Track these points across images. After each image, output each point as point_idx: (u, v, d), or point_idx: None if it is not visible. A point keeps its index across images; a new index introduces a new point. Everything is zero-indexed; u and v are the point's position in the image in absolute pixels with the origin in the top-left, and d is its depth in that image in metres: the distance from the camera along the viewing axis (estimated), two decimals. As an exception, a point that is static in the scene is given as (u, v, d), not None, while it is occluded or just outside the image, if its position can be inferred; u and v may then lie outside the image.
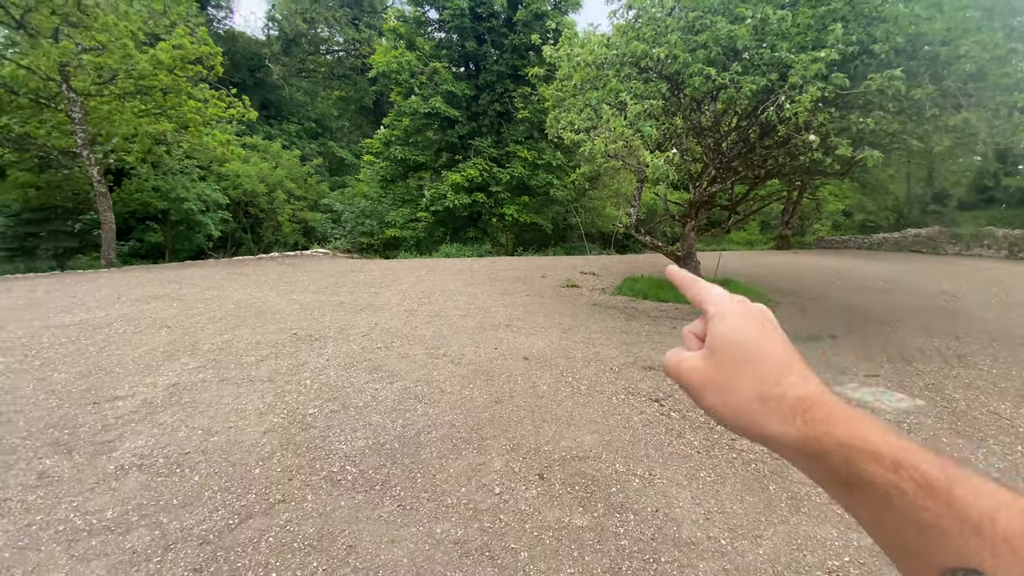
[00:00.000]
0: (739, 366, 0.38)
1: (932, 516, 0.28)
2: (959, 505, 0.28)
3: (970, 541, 0.26)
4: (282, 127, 26.82)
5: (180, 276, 9.17)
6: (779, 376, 0.37)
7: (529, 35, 18.24)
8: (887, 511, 0.31)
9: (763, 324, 0.40)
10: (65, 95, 10.26)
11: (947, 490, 0.29)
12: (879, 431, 0.33)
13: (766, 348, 0.38)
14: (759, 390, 0.37)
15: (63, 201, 12.89)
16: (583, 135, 6.78)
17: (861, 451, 0.32)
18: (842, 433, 0.33)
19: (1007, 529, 0.26)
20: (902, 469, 0.30)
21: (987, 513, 0.27)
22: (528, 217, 18.87)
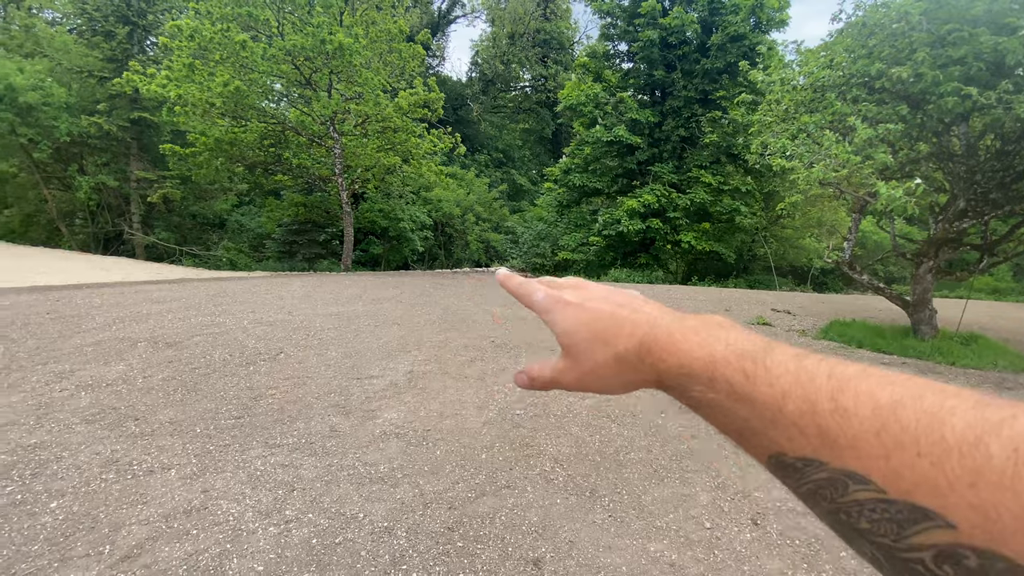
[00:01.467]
0: (589, 346, 0.40)
1: (741, 420, 0.30)
2: (759, 404, 0.29)
3: (771, 433, 0.29)
4: (474, 158, 30.08)
5: (398, 282, 10.93)
6: (618, 332, 0.39)
7: (724, 57, 17.55)
8: (718, 421, 0.33)
9: (580, 303, 0.42)
10: (331, 135, 13.16)
11: (749, 392, 0.30)
12: (702, 347, 0.34)
13: (599, 318, 0.41)
14: (613, 354, 0.39)
15: (318, 217, 16.48)
16: (796, 162, 6.27)
17: (688, 375, 0.34)
18: (674, 363, 0.35)
19: (792, 413, 0.27)
20: (715, 383, 0.32)
21: (777, 404, 0.28)
22: (707, 245, 17.84)
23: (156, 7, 17.00)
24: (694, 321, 0.37)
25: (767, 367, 0.30)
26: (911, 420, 0.24)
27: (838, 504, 0.26)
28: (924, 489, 0.22)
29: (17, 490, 2.54)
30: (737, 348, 0.32)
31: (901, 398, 0.25)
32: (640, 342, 0.37)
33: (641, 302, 0.42)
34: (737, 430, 0.31)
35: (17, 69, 13.93)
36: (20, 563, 2.06)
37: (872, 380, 0.27)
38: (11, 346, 4.68)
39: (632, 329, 0.38)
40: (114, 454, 2.93)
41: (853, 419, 0.25)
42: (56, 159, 15.98)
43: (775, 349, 0.32)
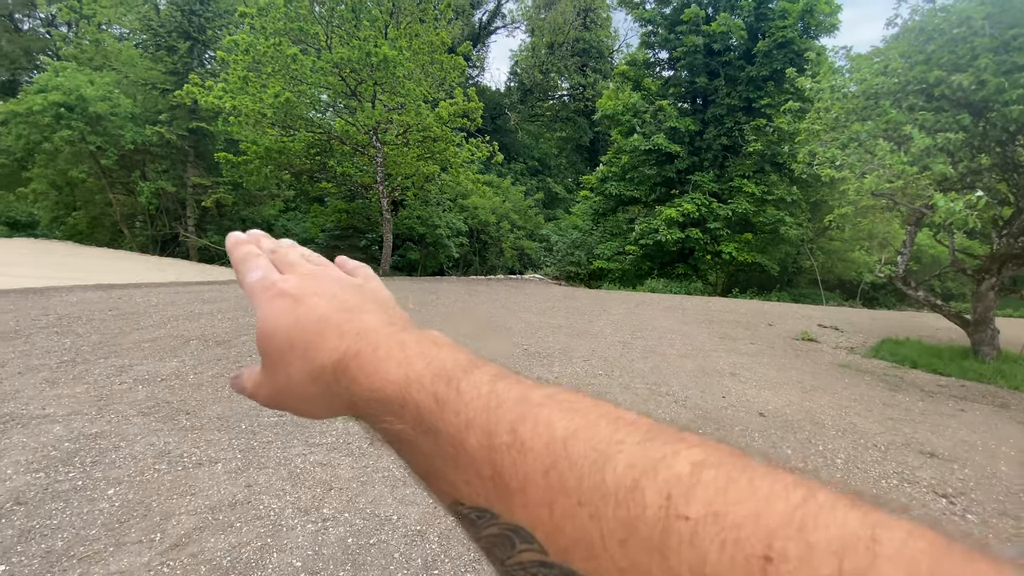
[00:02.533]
0: (284, 356, 0.33)
1: (425, 457, 0.26)
2: (443, 437, 0.25)
3: (451, 475, 0.24)
4: (511, 166, 30.31)
5: (435, 288, 11.10)
6: (320, 344, 0.32)
7: (770, 64, 17.08)
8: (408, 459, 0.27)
9: (297, 296, 0.34)
10: (373, 144, 13.55)
11: (435, 422, 0.25)
12: (402, 365, 0.28)
13: (307, 320, 0.33)
14: (308, 369, 0.32)
15: (359, 223, 16.99)
16: (847, 171, 6.02)
17: (379, 401, 0.28)
18: (366, 385, 0.29)
19: (473, 448, 0.23)
20: (404, 409, 0.26)
21: (461, 437, 0.24)
22: (749, 256, 17.30)
23: (215, 23, 18.03)
24: (410, 336, 0.31)
25: (460, 390, 0.25)
26: (580, 456, 0.21)
27: (508, 567, 0.22)
28: (580, 550, 0.19)
29: (78, 476, 2.71)
30: (436, 367, 0.27)
31: (577, 428, 0.22)
32: (340, 357, 0.30)
33: (373, 306, 0.35)
34: (423, 469, 0.26)
35: (88, 81, 15.04)
36: (79, 546, 2.20)
37: (559, 405, 0.24)
38: (77, 340, 5.02)
39: (337, 341, 0.31)
40: (166, 446, 3.09)
41: (529, 455, 0.22)
42: (121, 165, 17.12)
43: (478, 369, 0.27)
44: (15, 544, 2.17)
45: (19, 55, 20.40)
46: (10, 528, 2.26)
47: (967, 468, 3.69)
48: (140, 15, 17.82)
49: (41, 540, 2.21)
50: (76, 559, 2.11)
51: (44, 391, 3.74)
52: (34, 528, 2.28)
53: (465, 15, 30.69)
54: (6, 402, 3.50)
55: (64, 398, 3.64)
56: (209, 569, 2.11)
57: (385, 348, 0.30)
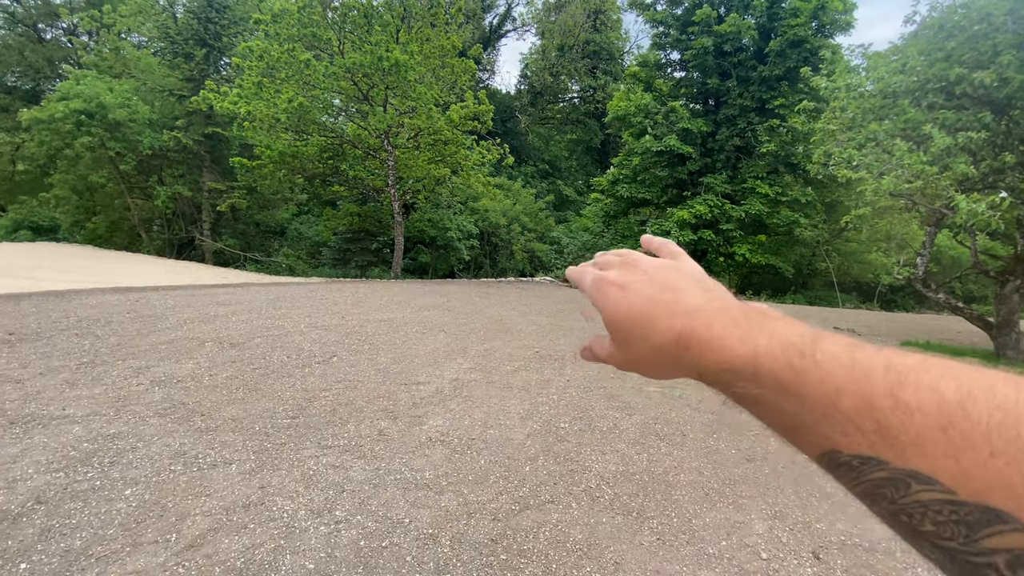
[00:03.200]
0: (628, 335, 0.38)
1: (790, 416, 0.28)
2: (809, 400, 0.27)
3: (823, 429, 0.27)
4: (521, 169, 30.32)
5: (445, 291, 11.13)
6: (655, 326, 0.36)
7: (783, 63, 16.90)
8: (765, 417, 0.30)
9: (624, 285, 0.40)
10: (385, 148, 13.65)
11: (798, 388, 0.28)
12: (744, 341, 0.31)
13: (636, 305, 0.38)
14: (651, 346, 0.37)
15: (371, 226, 17.10)
16: (863, 172, 5.91)
17: (730, 371, 0.31)
18: (714, 359, 0.33)
19: (848, 409, 0.25)
20: (760, 378, 0.30)
21: (831, 400, 0.26)
22: (763, 258, 17.10)
23: (230, 30, 18.31)
24: (736, 311, 0.35)
25: (817, 360, 0.28)
26: (982, 416, 0.22)
27: (899, 505, 0.24)
28: (999, 490, 0.21)
29: (96, 476, 2.75)
30: (782, 340, 0.31)
31: (970, 391, 0.23)
32: (678, 335, 0.35)
33: (689, 283, 0.39)
34: (785, 426, 0.30)
35: (108, 89, 15.35)
36: (97, 545, 2.22)
37: (935, 372, 0.25)
38: (95, 342, 5.11)
39: (669, 321, 0.36)
40: (182, 447, 3.12)
41: (916, 415, 0.23)
42: (139, 171, 17.45)
43: (824, 340, 0.30)
44: (35, 543, 2.20)
45: (42, 64, 20.91)
46: (31, 527, 2.29)
47: (992, 475, 3.59)
48: (158, 23, 18.17)
49: (60, 539, 2.24)
50: (94, 558, 2.14)
51: (64, 392, 3.81)
52: (54, 527, 2.31)
53: (475, 19, 30.83)
54: (28, 403, 3.57)
55: (83, 399, 3.70)
56: (223, 570, 2.12)
57: (720, 324, 0.33)
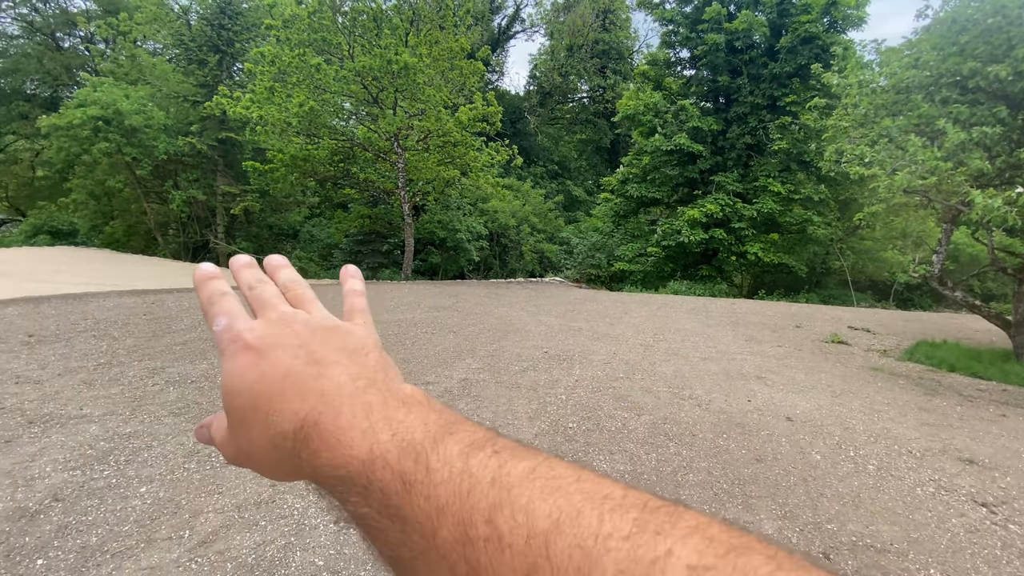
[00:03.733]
0: (246, 417, 0.30)
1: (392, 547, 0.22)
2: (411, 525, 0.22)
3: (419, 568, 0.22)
4: (530, 169, 30.34)
5: (454, 291, 11.18)
6: (281, 405, 0.29)
7: (795, 60, 16.72)
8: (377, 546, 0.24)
9: (260, 349, 0.31)
10: (394, 150, 13.75)
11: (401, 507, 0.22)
12: (366, 436, 0.25)
13: (268, 378, 0.29)
14: (269, 434, 0.29)
15: (381, 228, 17.24)
16: (876, 168, 5.83)
17: (343, 479, 0.25)
18: (328, 459, 0.26)
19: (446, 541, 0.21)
20: (370, 490, 0.24)
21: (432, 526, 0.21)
22: (775, 257, 16.91)
23: (243, 36, 18.59)
24: (375, 395, 0.28)
25: (429, 468, 0.23)
26: (563, 557, 0.18)
27: None
28: None
29: (112, 474, 2.81)
30: (403, 439, 0.24)
31: (559, 518, 0.20)
32: (300, 424, 0.27)
33: (343, 356, 0.31)
34: (389, 561, 0.23)
35: (124, 95, 15.66)
36: (112, 542, 2.27)
37: (537, 487, 0.21)
38: (113, 343, 5.22)
39: (299, 403, 0.28)
40: (196, 445, 3.18)
41: (507, 553, 0.20)
42: (155, 175, 17.77)
43: (450, 438, 0.24)
44: (52, 539, 2.26)
45: (60, 72, 21.40)
46: (48, 524, 2.36)
47: (1009, 476, 3.52)
48: (173, 31, 18.50)
49: (77, 536, 2.30)
50: (109, 554, 2.19)
51: (82, 392, 3.90)
52: (70, 524, 2.37)
53: (484, 20, 30.93)
54: (47, 403, 3.66)
55: (100, 399, 3.79)
56: (235, 566, 2.16)
57: (348, 413, 0.27)
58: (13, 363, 4.42)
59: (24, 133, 21.21)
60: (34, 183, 22.60)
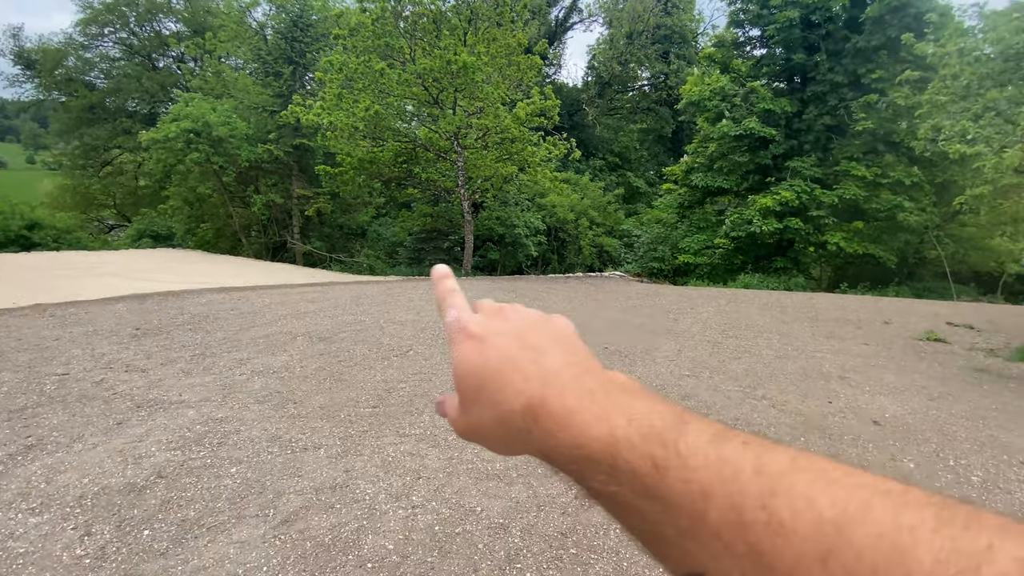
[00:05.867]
0: (475, 397, 0.33)
1: (651, 524, 0.24)
2: (673, 506, 0.23)
3: (688, 546, 0.23)
4: (589, 162, 29.85)
5: (513, 287, 11.26)
6: (505, 389, 0.31)
7: (883, 31, 15.27)
8: (626, 523, 0.25)
9: (483, 337, 0.34)
10: (454, 149, 14.02)
11: (659, 488, 0.24)
12: (601, 420, 0.27)
13: (490, 363, 0.32)
14: (496, 414, 0.31)
15: (443, 226, 17.68)
16: (981, 146, 5.21)
17: (584, 459, 0.26)
18: (566, 439, 0.27)
19: (716, 523, 0.22)
20: (618, 472, 0.25)
21: (697, 508, 0.22)
22: (860, 247, 15.61)
23: (313, 47, 19.67)
24: (593, 381, 0.30)
25: (680, 454, 0.24)
26: (866, 545, 0.19)
27: None
28: None
29: (207, 455, 3.09)
30: (643, 425, 0.26)
31: (846, 508, 0.20)
32: (526, 405, 0.30)
33: (553, 344, 0.34)
34: (647, 534, 0.25)
35: (211, 108, 17.07)
36: (208, 516, 2.50)
37: (808, 478, 0.21)
38: (205, 336, 5.72)
39: (521, 385, 0.31)
40: (277, 431, 3.43)
41: (792, 538, 0.20)
42: (238, 181, 19.26)
43: (689, 427, 0.25)
44: (157, 512, 2.52)
45: (156, 89, 23.65)
46: (153, 498, 2.63)
47: None
48: (252, 46, 19.90)
49: (178, 510, 2.55)
50: (205, 528, 2.41)
51: (181, 380, 4.31)
52: (172, 499, 2.63)
53: (541, 14, 30.72)
54: (152, 389, 4.08)
55: (196, 387, 4.17)
56: (314, 545, 2.31)
57: (574, 397, 0.29)
58: (123, 353, 4.97)
59: (128, 147, 23.65)
60: (137, 192, 25.18)
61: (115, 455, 3.03)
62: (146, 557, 2.21)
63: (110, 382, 4.19)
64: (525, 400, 0.30)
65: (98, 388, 4.04)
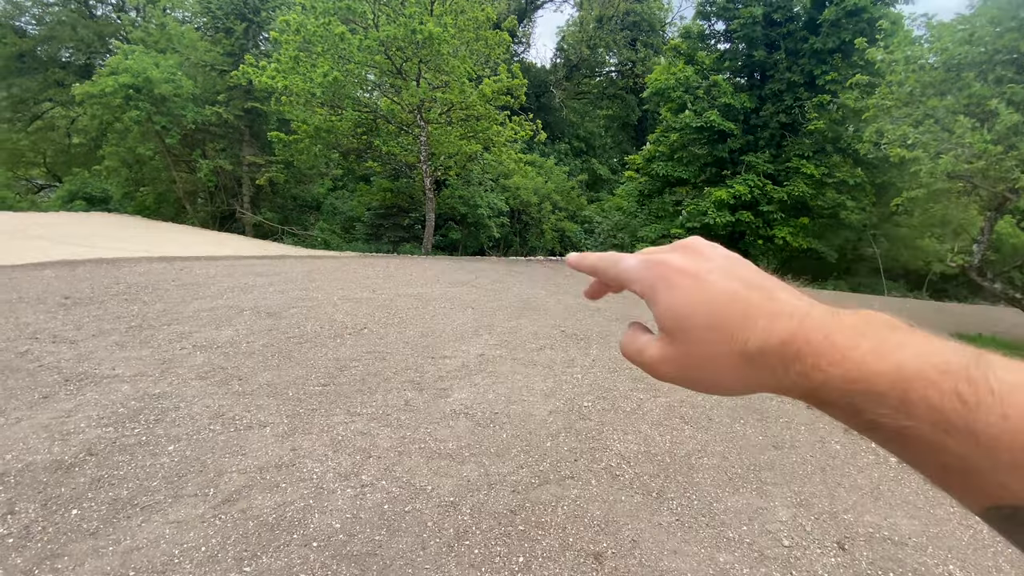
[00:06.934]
0: (704, 335, 0.32)
1: (957, 460, 0.23)
2: (986, 440, 0.22)
3: (1003, 479, 0.22)
4: (555, 146, 29.79)
5: (474, 268, 11.19)
6: (749, 325, 0.30)
7: (838, 34, 15.88)
8: (912, 455, 0.25)
9: (696, 274, 0.33)
10: (417, 123, 13.63)
11: (969, 424, 0.23)
12: (882, 356, 0.26)
13: (720, 299, 0.32)
14: (739, 350, 0.30)
15: (403, 202, 17.25)
16: (919, 151, 5.54)
17: (864, 393, 0.26)
18: (838, 375, 0.27)
19: None
20: (911, 406, 0.24)
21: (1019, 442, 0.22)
22: (804, 242, 16.44)
23: (268, 4, 18.47)
24: (853, 318, 0.29)
25: (993, 390, 0.23)
26: None
27: None
28: None
29: (142, 432, 2.93)
30: (936, 361, 0.25)
31: None
32: (783, 341, 0.29)
33: (774, 283, 0.33)
34: (944, 467, 0.25)
35: (154, 64, 15.81)
36: (142, 496, 2.38)
37: None
38: (143, 308, 5.39)
39: (768, 322, 0.30)
40: (220, 408, 3.29)
41: None
42: (183, 144, 18.03)
43: (991, 363, 0.24)
44: (87, 491, 2.38)
45: (93, 39, 21.62)
46: (82, 476, 2.48)
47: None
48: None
49: (109, 488, 2.41)
50: (139, 507, 2.30)
51: (115, 353, 4.05)
52: (103, 477, 2.49)
53: (512, -10, 30.03)
54: (82, 362, 3.81)
55: (131, 360, 3.93)
56: (256, 524, 2.24)
57: (840, 334, 0.28)
58: (51, 323, 4.61)
59: (60, 100, 21.63)
60: (70, 150, 23.17)
61: (40, 431, 2.82)
62: (74, 537, 2.09)
63: (35, 353, 3.89)
64: (780, 337, 0.29)
65: (22, 359, 3.75)
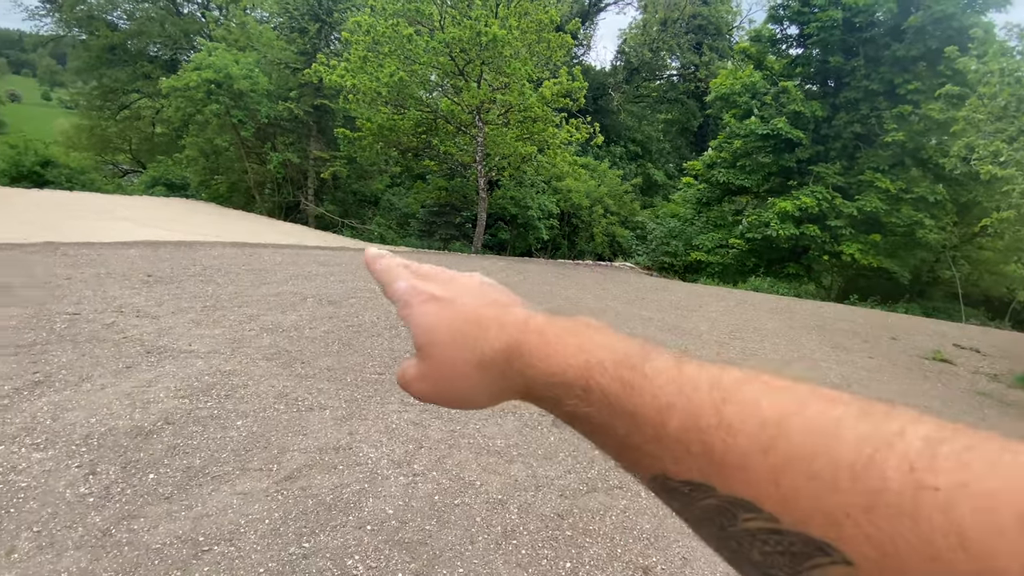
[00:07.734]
0: (448, 349, 0.36)
1: (620, 437, 0.27)
2: (640, 419, 0.26)
3: (653, 451, 0.26)
4: (610, 149, 29.40)
5: (522, 268, 11.23)
6: (483, 336, 0.34)
7: (923, 42, 14.81)
8: (598, 439, 0.29)
9: (450, 299, 0.37)
10: (475, 124, 13.83)
11: (628, 405, 0.27)
12: (579, 351, 0.30)
13: (462, 316, 0.36)
14: (477, 360, 0.34)
15: (456, 201, 17.57)
16: (1013, 169, 5.07)
17: (561, 385, 0.30)
18: (544, 369, 0.31)
19: (676, 430, 0.25)
20: (590, 393, 0.28)
21: (660, 419, 0.25)
22: (875, 260, 15.43)
23: (340, 5, 19.29)
24: (567, 322, 0.33)
25: (647, 375, 0.27)
26: (800, 435, 0.22)
27: (728, 533, 0.23)
28: (818, 519, 0.20)
29: (215, 406, 3.13)
30: (614, 353, 0.29)
31: (787, 407, 0.23)
32: (508, 345, 0.33)
33: (516, 302, 0.39)
34: (615, 447, 0.28)
35: (234, 60, 16.86)
36: (213, 466, 2.54)
37: (756, 386, 0.24)
38: (216, 289, 5.76)
39: (499, 330, 0.34)
40: (284, 389, 3.47)
41: (739, 436, 0.23)
42: (256, 137, 19.15)
43: (654, 354, 0.29)
44: (163, 457, 2.56)
45: (179, 36, 23.32)
46: (160, 443, 2.67)
47: None
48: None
49: (184, 456, 2.59)
50: (210, 476, 2.46)
51: (191, 330, 4.35)
52: (179, 446, 2.68)
53: (575, -8, 29.91)
54: (162, 336, 4.12)
55: (206, 338, 4.21)
56: (315, 503, 2.35)
57: (552, 335, 0.32)
58: (135, 298, 5.01)
59: (147, 92, 23.44)
60: (153, 138, 25.08)
61: (123, 398, 3.07)
62: (150, 500, 2.25)
63: (120, 325, 4.23)
64: (505, 342, 0.33)
65: (108, 331, 4.09)
